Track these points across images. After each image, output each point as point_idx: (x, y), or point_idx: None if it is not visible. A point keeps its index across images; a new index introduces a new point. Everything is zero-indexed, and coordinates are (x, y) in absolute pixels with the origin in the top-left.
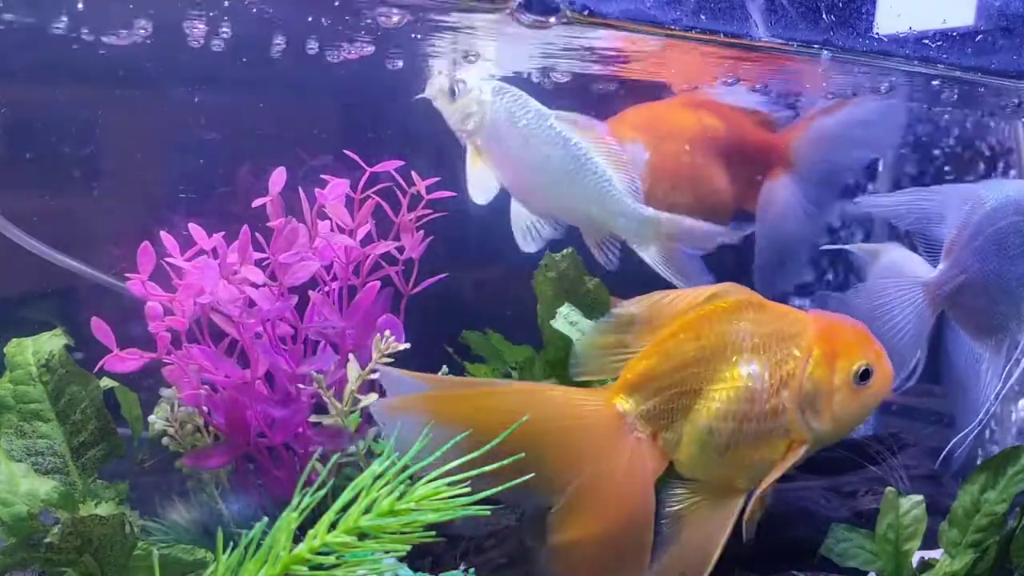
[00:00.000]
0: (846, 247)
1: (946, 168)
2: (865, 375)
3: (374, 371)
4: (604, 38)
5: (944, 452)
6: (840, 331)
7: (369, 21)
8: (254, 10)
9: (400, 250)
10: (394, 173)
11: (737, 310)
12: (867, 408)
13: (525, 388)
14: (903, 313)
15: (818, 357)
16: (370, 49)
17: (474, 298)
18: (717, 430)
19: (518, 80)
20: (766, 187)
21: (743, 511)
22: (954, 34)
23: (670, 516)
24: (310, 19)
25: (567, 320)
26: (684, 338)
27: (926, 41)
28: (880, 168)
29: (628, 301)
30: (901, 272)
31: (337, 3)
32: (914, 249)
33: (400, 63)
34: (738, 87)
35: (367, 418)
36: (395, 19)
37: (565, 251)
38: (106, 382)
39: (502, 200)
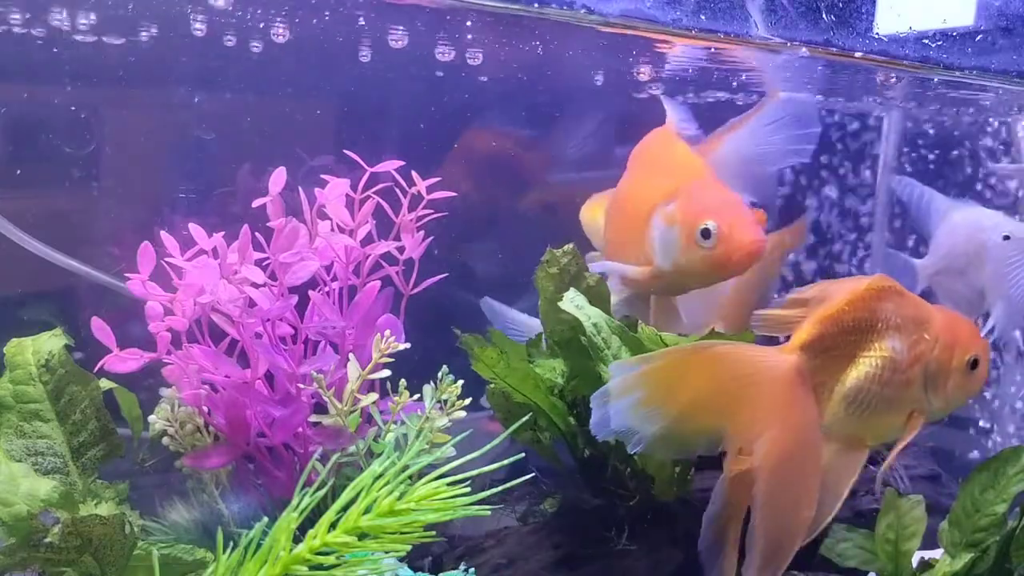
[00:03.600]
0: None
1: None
2: (975, 364)
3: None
4: None
5: None
6: (958, 324)
7: None
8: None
9: (400, 250)
10: (394, 173)
11: (885, 294)
12: (972, 392)
13: (718, 350)
14: None
15: (943, 343)
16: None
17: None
18: (862, 390)
19: None
20: None
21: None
22: (954, 34)
23: None
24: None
25: (573, 303)
26: (846, 310)
27: (926, 41)
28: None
29: (804, 287)
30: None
31: None
32: None
33: None
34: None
35: (367, 418)
36: None
37: (566, 247)
38: (106, 382)
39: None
